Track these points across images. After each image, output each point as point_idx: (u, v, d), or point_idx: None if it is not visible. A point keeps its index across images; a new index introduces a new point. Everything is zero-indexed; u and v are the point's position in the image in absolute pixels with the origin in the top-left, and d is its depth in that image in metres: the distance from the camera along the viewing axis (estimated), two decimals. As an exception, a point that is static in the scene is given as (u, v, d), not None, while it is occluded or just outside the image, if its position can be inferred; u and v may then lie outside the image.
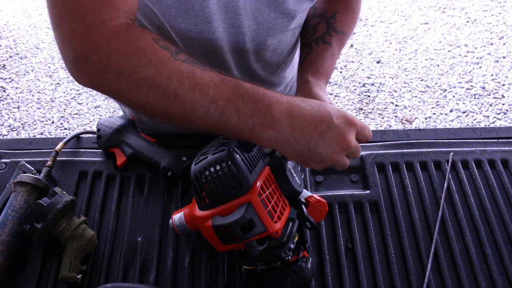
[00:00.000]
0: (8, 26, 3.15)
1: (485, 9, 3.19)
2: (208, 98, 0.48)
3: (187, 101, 0.48)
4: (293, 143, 0.50)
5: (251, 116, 0.48)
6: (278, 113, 0.49)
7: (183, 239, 0.68)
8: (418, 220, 0.71)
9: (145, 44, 0.47)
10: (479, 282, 0.65)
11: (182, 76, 0.47)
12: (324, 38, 0.72)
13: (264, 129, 0.49)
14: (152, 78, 0.47)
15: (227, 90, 0.48)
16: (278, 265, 0.56)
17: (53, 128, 2.35)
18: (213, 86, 0.48)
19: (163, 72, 0.47)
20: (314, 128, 0.49)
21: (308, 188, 0.74)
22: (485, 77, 2.61)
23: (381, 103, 2.46)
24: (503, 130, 0.87)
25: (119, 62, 0.46)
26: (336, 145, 0.50)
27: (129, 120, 0.80)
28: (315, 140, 0.49)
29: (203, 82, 0.48)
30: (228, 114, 0.48)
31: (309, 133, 0.49)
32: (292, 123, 0.49)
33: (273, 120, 0.49)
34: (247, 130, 0.49)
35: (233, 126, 0.49)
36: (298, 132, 0.49)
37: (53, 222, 0.62)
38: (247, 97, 0.49)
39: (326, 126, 0.49)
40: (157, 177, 0.75)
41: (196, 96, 0.48)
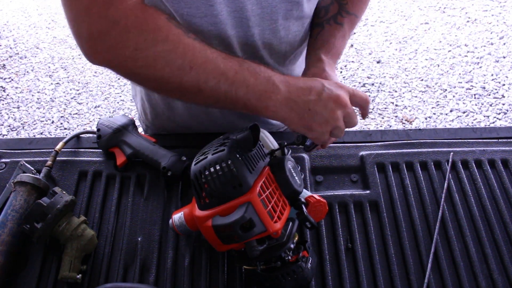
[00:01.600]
0: (8, 26, 3.15)
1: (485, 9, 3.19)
2: (219, 70, 0.53)
3: (200, 73, 0.52)
4: (294, 107, 0.55)
5: (256, 85, 0.54)
6: (278, 81, 0.55)
7: (183, 239, 0.68)
8: (418, 220, 0.71)
9: (161, 21, 0.51)
10: (479, 282, 0.65)
11: (195, 51, 0.52)
12: (336, 19, 0.72)
13: (269, 96, 0.55)
14: (169, 52, 0.50)
15: (233, 64, 0.54)
16: (278, 265, 0.56)
17: (53, 128, 2.35)
18: (222, 60, 0.53)
19: (179, 46, 0.51)
20: (309, 92, 0.55)
21: (308, 188, 0.74)
22: (485, 77, 2.61)
23: (381, 103, 2.46)
24: (503, 130, 0.87)
25: (136, 38, 0.49)
26: (333, 102, 0.55)
27: (129, 120, 0.80)
28: (313, 101, 0.55)
29: (214, 56, 0.53)
30: (238, 84, 0.54)
31: (306, 96, 0.55)
32: (290, 89, 0.55)
33: (274, 87, 0.55)
34: (254, 98, 0.55)
35: (241, 96, 0.55)
36: (295, 96, 0.55)
37: (53, 222, 0.62)
38: (251, 69, 0.55)
39: (320, 89, 0.55)
40: (157, 177, 0.75)
41: (209, 69, 0.52)
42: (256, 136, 0.59)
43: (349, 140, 0.84)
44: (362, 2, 0.76)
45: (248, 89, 0.54)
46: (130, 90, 2.59)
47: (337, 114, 0.56)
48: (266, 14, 0.64)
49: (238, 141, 0.56)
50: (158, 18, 0.51)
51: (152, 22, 0.50)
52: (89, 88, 2.61)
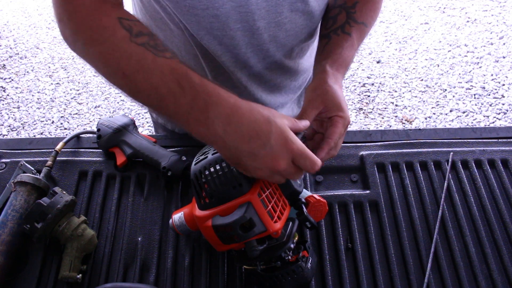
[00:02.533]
0: (8, 26, 3.15)
1: (485, 9, 3.19)
2: (151, 84, 0.50)
3: (132, 81, 0.51)
4: (223, 147, 0.49)
5: (187, 110, 0.49)
6: (214, 115, 0.48)
7: (183, 239, 0.68)
8: (418, 220, 0.71)
9: (107, 22, 0.51)
10: (479, 282, 0.65)
11: (131, 59, 0.50)
12: (344, 28, 0.70)
13: (197, 126, 0.49)
14: (105, 55, 0.52)
15: (171, 79, 0.49)
16: (278, 265, 0.56)
17: (53, 128, 2.35)
18: (159, 73, 0.50)
19: (115, 51, 0.51)
20: (248, 141, 0.48)
21: (308, 188, 0.74)
22: (485, 77, 2.61)
23: (381, 103, 2.46)
24: (503, 130, 0.87)
25: (84, 34, 0.52)
26: (264, 164, 0.49)
27: (129, 120, 0.80)
28: (246, 154, 0.48)
29: (150, 67, 0.50)
30: (167, 103, 0.50)
31: (241, 145, 0.48)
32: (227, 129, 0.48)
33: (207, 120, 0.48)
34: (183, 122, 0.50)
35: (170, 115, 0.51)
36: (229, 139, 0.48)
37: (53, 222, 0.62)
38: (188, 91, 0.49)
39: (260, 143, 0.48)
40: (157, 177, 0.75)
41: (139, 80, 0.50)
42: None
43: (349, 140, 0.84)
44: (372, 11, 0.74)
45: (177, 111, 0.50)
46: (130, 90, 2.59)
47: (262, 174, 0.50)
48: (272, 7, 0.64)
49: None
50: (106, 18, 0.51)
51: (98, 20, 0.51)
52: (89, 88, 2.61)
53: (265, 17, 0.65)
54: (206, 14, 0.61)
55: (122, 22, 0.52)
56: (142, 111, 2.45)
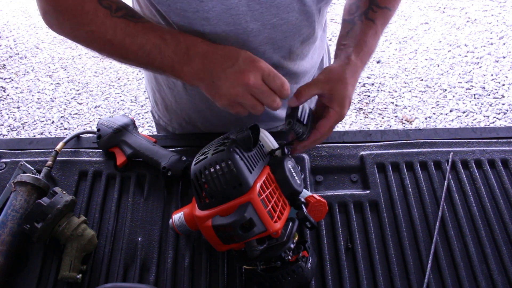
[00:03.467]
0: (8, 26, 3.15)
1: (485, 9, 3.19)
2: (137, 45, 0.60)
3: (121, 48, 0.61)
4: (203, 78, 0.59)
5: (171, 56, 0.60)
6: (194, 53, 0.59)
7: (183, 239, 0.68)
8: (418, 220, 0.71)
9: (89, 6, 0.60)
10: (479, 282, 0.65)
11: (116, 29, 0.60)
12: (368, 14, 0.70)
13: (181, 66, 0.60)
14: (93, 33, 0.61)
15: (153, 36, 0.60)
16: (278, 265, 0.56)
17: (53, 128, 2.35)
18: (142, 34, 0.60)
19: (101, 27, 0.60)
20: (220, 64, 0.58)
21: (308, 188, 0.74)
22: (485, 77, 2.61)
23: (381, 103, 2.46)
24: (503, 130, 0.87)
25: (70, 20, 0.62)
26: (234, 79, 0.57)
27: (129, 120, 0.80)
28: (218, 73, 0.58)
29: (133, 32, 0.60)
30: (153, 56, 0.61)
31: (214, 68, 0.58)
32: (204, 61, 0.59)
33: (189, 59, 0.59)
34: (169, 67, 0.61)
35: (157, 65, 0.62)
36: (207, 69, 0.59)
37: (53, 222, 0.62)
38: (170, 41, 0.60)
39: (230, 63, 0.57)
40: (157, 177, 0.75)
41: (127, 44, 0.61)
42: (256, 136, 0.59)
43: (349, 140, 0.84)
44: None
45: (163, 60, 0.60)
46: (130, 90, 2.60)
47: (236, 92, 0.57)
48: (265, 9, 0.63)
49: (238, 141, 0.56)
50: (88, 3, 0.60)
51: (80, 7, 0.60)
52: (89, 88, 2.61)
53: (258, 19, 0.64)
54: (197, 17, 0.61)
55: (102, 2, 0.60)
56: (142, 111, 2.45)
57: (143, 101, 2.52)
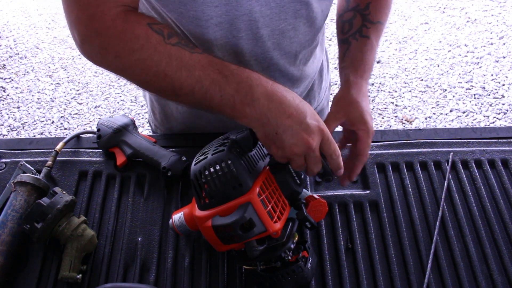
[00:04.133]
0: (8, 26, 3.15)
1: (485, 9, 3.19)
2: (194, 78, 0.53)
3: (175, 80, 0.54)
4: (265, 123, 0.54)
5: (233, 95, 0.53)
6: (259, 94, 0.53)
7: (183, 239, 0.68)
8: (418, 220, 0.71)
9: (140, 30, 0.53)
10: (479, 282, 0.65)
11: (171, 59, 0.53)
12: (362, 32, 0.71)
13: (243, 107, 0.54)
14: (144, 61, 0.53)
15: (212, 71, 0.54)
16: (278, 265, 0.56)
17: (53, 128, 2.35)
18: (199, 67, 0.53)
19: (154, 55, 0.53)
20: (288, 117, 0.53)
21: (308, 188, 0.74)
22: (485, 77, 2.61)
23: (381, 103, 2.46)
24: (503, 130, 0.87)
25: (116, 47, 0.53)
26: (300, 139, 0.54)
27: (129, 120, 0.80)
28: (284, 127, 0.53)
29: (190, 63, 0.53)
30: (212, 93, 0.54)
31: (282, 119, 0.53)
32: (270, 105, 0.53)
33: (253, 100, 0.53)
34: (229, 107, 0.54)
35: (216, 104, 0.55)
36: (272, 115, 0.53)
37: (53, 222, 0.62)
38: (231, 78, 0.54)
39: (298, 119, 0.53)
40: (157, 177, 0.75)
41: (183, 76, 0.53)
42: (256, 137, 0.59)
43: (349, 140, 0.83)
44: (384, 7, 0.75)
45: (223, 98, 0.54)
46: (130, 90, 2.59)
47: (296, 151, 0.54)
48: (275, 15, 0.64)
49: (238, 141, 0.56)
50: (138, 26, 0.53)
51: (130, 31, 0.53)
52: (89, 88, 2.61)
53: (269, 25, 0.65)
54: (210, 24, 0.61)
55: (153, 27, 0.54)
56: (142, 111, 2.45)
57: (143, 101, 2.52)
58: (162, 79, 0.54)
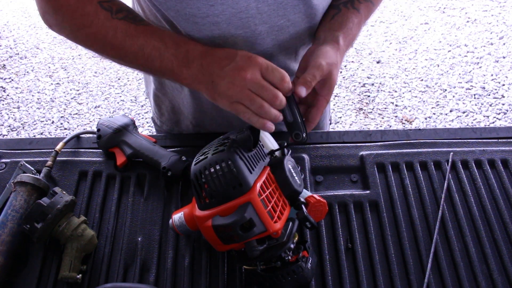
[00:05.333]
0: (8, 26, 3.15)
1: (485, 9, 3.19)
2: (137, 46, 0.61)
3: (120, 49, 0.62)
4: (202, 79, 0.59)
5: (171, 59, 0.60)
6: (193, 55, 0.60)
7: (183, 239, 0.68)
8: (418, 220, 0.71)
9: (90, 8, 0.61)
10: (479, 282, 0.65)
11: (116, 31, 0.61)
12: (353, 3, 0.71)
13: (181, 69, 0.60)
14: (94, 34, 0.62)
15: (154, 38, 0.61)
16: (278, 265, 0.56)
17: (53, 128, 2.35)
18: (142, 36, 0.61)
19: (101, 29, 0.61)
20: (218, 63, 0.58)
21: (308, 188, 0.74)
22: (485, 77, 2.61)
23: (381, 103, 2.46)
24: (503, 130, 0.87)
25: (70, 22, 0.62)
26: (233, 77, 0.56)
27: (129, 120, 0.80)
28: (217, 72, 0.58)
29: (134, 33, 0.61)
30: (153, 58, 0.61)
31: (213, 68, 0.58)
32: (202, 62, 0.59)
33: (188, 61, 0.60)
34: (168, 70, 0.61)
35: (157, 67, 0.62)
36: (205, 69, 0.59)
37: (53, 222, 0.62)
38: (169, 43, 0.60)
39: (228, 61, 0.57)
40: (157, 177, 0.75)
41: (127, 45, 0.61)
42: (256, 136, 0.59)
43: (349, 140, 0.84)
44: None
45: (162, 62, 0.61)
46: (130, 90, 2.60)
47: (236, 89, 0.56)
48: (273, 11, 0.63)
49: (238, 141, 0.56)
50: (88, 5, 0.60)
51: (81, 9, 0.60)
52: (89, 88, 2.61)
53: (267, 22, 0.64)
54: (207, 22, 0.61)
55: (102, 4, 0.61)
56: (142, 111, 2.45)
57: (143, 101, 2.52)
58: (110, 48, 0.62)
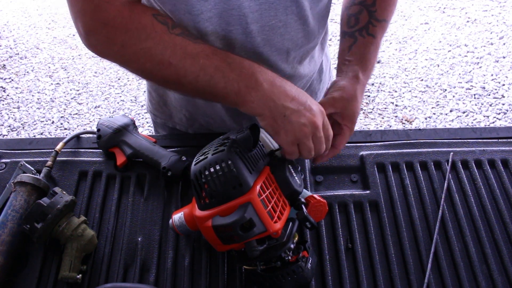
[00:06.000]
0: (8, 26, 3.15)
1: (485, 9, 3.19)
2: (198, 66, 0.56)
3: (179, 68, 0.56)
4: (272, 107, 0.56)
5: (236, 80, 0.56)
6: (262, 79, 0.56)
7: (183, 239, 0.68)
8: (418, 220, 0.71)
9: (145, 20, 0.55)
10: (479, 282, 0.65)
11: (175, 48, 0.55)
12: (368, 30, 0.71)
13: (249, 91, 0.56)
14: (149, 50, 0.55)
15: (215, 59, 0.56)
16: (278, 265, 0.56)
17: (53, 128, 2.35)
18: (203, 55, 0.56)
19: (159, 44, 0.55)
20: (292, 99, 0.56)
21: (308, 188, 0.74)
22: (485, 77, 2.61)
23: (381, 103, 2.46)
24: (503, 130, 0.87)
25: (122, 36, 0.55)
26: (307, 120, 0.56)
27: (129, 120, 0.80)
28: (291, 109, 0.56)
29: (194, 52, 0.56)
30: (216, 79, 0.56)
31: (287, 102, 0.56)
32: (273, 90, 0.56)
33: (257, 84, 0.56)
34: (233, 93, 0.56)
35: (220, 90, 0.57)
36: (277, 98, 0.56)
37: (53, 222, 0.62)
38: (234, 65, 0.56)
39: (301, 101, 0.57)
40: (157, 177, 0.75)
41: (187, 65, 0.56)
42: (256, 136, 0.59)
43: (349, 140, 0.83)
44: (390, 4, 0.74)
45: (227, 84, 0.56)
46: (130, 90, 2.60)
47: (306, 131, 0.57)
48: (265, 11, 0.64)
49: (238, 141, 0.56)
50: (143, 16, 0.55)
51: (136, 21, 0.55)
52: (89, 88, 2.61)
53: (258, 21, 0.65)
54: (201, 19, 0.62)
55: (158, 18, 0.56)
56: (142, 111, 2.45)
57: (143, 101, 2.52)
58: (166, 67, 0.56)
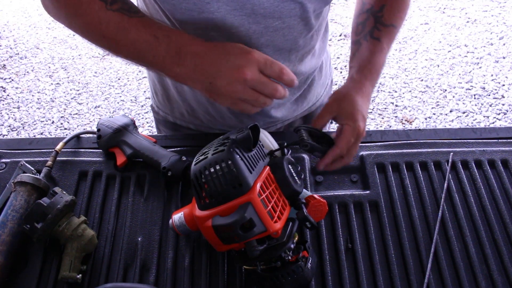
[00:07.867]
0: (8, 26, 3.15)
1: (485, 9, 3.19)
2: (128, 40, 0.60)
3: (112, 41, 0.61)
4: (197, 79, 0.58)
5: (162, 55, 0.59)
6: (186, 53, 0.58)
7: (183, 239, 0.68)
8: (418, 220, 0.71)
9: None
10: (479, 282, 0.65)
11: (109, 23, 0.60)
12: (373, 33, 0.71)
13: (172, 67, 0.59)
14: (86, 24, 0.62)
15: (145, 33, 0.59)
16: (278, 265, 0.56)
17: (53, 128, 2.35)
18: (135, 30, 0.59)
19: (95, 19, 0.60)
20: (213, 63, 0.57)
21: (308, 188, 0.74)
22: (485, 77, 2.61)
23: (381, 103, 2.46)
24: (503, 130, 0.87)
25: (65, 10, 0.62)
26: (232, 77, 0.56)
27: (130, 120, 0.80)
28: (214, 73, 0.57)
29: (126, 27, 0.59)
30: (144, 53, 0.60)
31: (208, 68, 0.57)
32: (196, 61, 0.57)
33: (180, 59, 0.58)
34: (159, 66, 0.60)
35: (148, 62, 0.61)
36: (199, 69, 0.57)
37: (53, 222, 0.62)
38: (161, 39, 0.58)
39: (223, 60, 0.56)
40: (157, 177, 0.75)
41: (119, 39, 0.60)
42: (256, 136, 0.59)
43: (349, 140, 0.83)
44: (399, 11, 0.74)
45: (154, 58, 0.59)
46: (130, 90, 2.60)
47: (237, 88, 0.56)
48: (269, 13, 0.64)
49: (238, 141, 0.56)
50: None
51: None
52: (89, 88, 2.61)
53: (261, 22, 0.65)
54: (202, 18, 0.62)
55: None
56: (142, 111, 2.45)
57: (143, 101, 2.52)
58: (102, 40, 0.62)
